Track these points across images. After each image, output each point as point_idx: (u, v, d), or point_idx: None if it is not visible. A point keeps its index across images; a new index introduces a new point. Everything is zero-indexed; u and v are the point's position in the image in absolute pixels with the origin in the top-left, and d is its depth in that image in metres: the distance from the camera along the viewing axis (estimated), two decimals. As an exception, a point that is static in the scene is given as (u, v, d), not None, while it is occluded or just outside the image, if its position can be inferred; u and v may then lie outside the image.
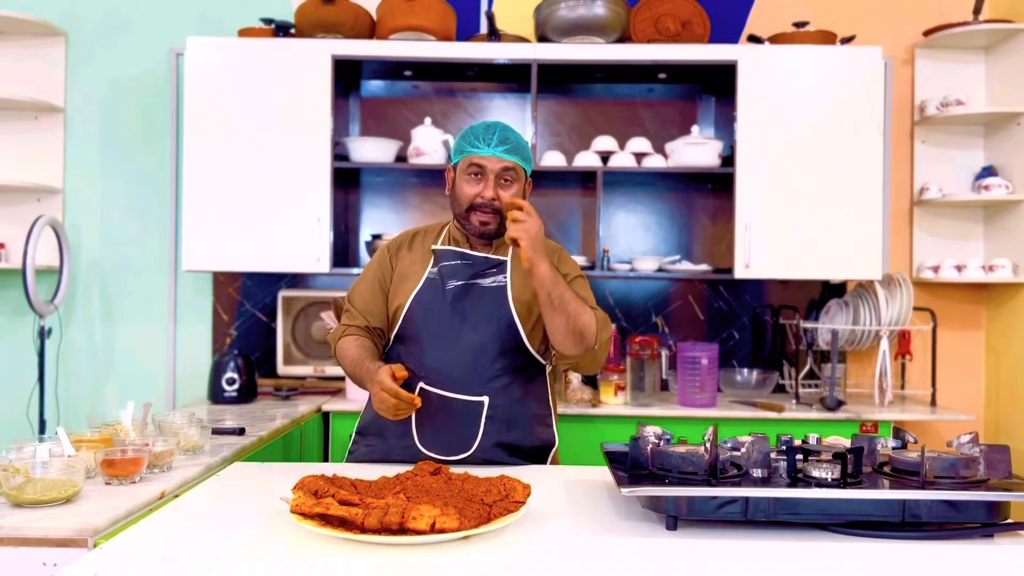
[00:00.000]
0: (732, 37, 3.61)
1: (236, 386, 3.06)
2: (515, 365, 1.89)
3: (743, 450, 1.45)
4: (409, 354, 1.92)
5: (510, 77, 3.52)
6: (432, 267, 1.93)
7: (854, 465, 1.40)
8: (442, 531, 1.24)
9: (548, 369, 1.99)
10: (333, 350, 1.97)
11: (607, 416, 3.05)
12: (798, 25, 3.36)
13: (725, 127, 3.44)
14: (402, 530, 1.25)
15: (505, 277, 1.90)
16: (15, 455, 1.64)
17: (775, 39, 3.35)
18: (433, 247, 1.96)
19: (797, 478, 1.39)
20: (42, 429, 3.29)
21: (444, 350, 1.87)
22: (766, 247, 3.22)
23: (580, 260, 3.35)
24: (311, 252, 3.22)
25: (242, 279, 3.61)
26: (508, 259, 1.93)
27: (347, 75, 3.49)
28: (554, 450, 1.96)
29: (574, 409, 3.03)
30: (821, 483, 1.35)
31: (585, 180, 3.55)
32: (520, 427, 1.88)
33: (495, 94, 3.66)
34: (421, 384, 1.87)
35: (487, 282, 1.90)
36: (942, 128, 3.59)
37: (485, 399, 1.86)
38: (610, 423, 3.05)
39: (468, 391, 1.86)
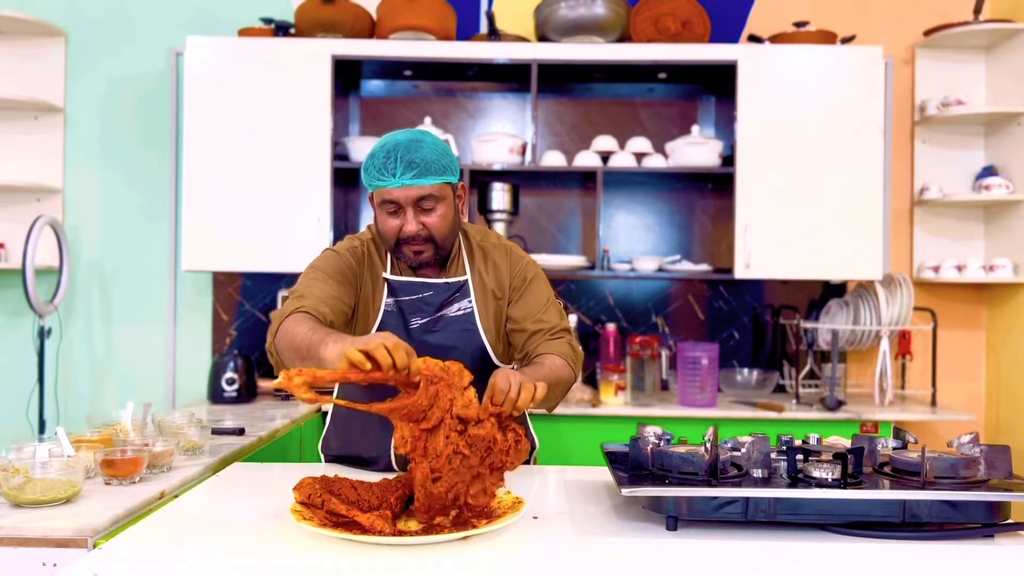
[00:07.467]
0: (732, 37, 3.61)
1: (236, 386, 3.06)
2: (486, 386, 1.81)
3: (743, 450, 1.45)
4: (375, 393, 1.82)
5: (510, 77, 3.51)
6: (387, 297, 1.77)
7: (854, 465, 1.40)
8: (442, 531, 1.24)
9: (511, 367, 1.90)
10: (274, 330, 1.58)
11: (607, 416, 3.05)
12: (798, 25, 3.36)
13: (725, 127, 3.44)
14: (402, 530, 1.25)
15: (471, 302, 1.77)
16: (15, 455, 1.64)
17: (775, 39, 3.35)
18: (385, 276, 1.77)
19: (797, 478, 1.39)
20: (42, 429, 3.29)
21: None
22: (766, 247, 3.22)
23: (580, 260, 3.35)
24: (311, 252, 3.19)
25: (242, 279, 3.61)
26: (468, 277, 1.79)
27: (347, 75, 3.49)
28: (534, 453, 1.94)
29: (574, 409, 3.03)
30: (821, 483, 1.35)
31: (585, 180, 3.55)
32: None
33: (495, 94, 3.66)
34: None
35: (453, 311, 1.77)
36: (942, 128, 3.59)
37: None
38: (610, 423, 3.05)
39: None
